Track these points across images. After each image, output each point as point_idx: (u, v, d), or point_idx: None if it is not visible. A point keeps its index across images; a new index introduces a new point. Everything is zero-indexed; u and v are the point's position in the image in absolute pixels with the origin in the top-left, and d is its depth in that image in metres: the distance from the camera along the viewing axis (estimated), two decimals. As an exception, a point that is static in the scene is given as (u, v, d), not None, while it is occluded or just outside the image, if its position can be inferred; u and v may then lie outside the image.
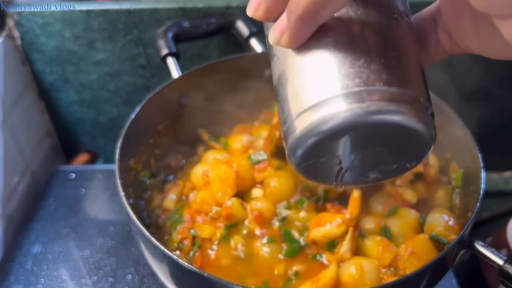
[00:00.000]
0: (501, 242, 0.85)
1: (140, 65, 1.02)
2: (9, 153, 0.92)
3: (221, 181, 0.67)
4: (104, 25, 0.95)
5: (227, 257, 0.64)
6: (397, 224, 0.66)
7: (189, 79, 0.81)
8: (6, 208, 0.91)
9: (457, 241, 0.56)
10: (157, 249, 0.56)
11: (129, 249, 0.86)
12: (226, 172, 0.68)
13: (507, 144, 1.16)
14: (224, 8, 0.94)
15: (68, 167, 1.05)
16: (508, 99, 1.08)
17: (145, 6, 0.93)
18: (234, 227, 0.66)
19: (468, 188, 0.67)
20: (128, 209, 0.59)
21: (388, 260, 0.62)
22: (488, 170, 0.63)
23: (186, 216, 0.68)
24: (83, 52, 0.99)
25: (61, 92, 1.06)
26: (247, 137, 0.80)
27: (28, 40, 0.97)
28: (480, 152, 0.65)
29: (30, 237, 0.88)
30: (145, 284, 0.80)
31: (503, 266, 0.54)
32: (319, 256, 0.63)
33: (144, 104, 0.74)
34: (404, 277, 0.54)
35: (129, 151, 0.71)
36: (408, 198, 0.68)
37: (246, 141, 0.79)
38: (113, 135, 1.14)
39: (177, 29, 0.87)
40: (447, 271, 0.62)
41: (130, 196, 0.66)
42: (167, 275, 0.59)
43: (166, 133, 0.81)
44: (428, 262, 0.54)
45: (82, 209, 0.94)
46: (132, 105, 1.08)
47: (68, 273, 0.82)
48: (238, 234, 0.66)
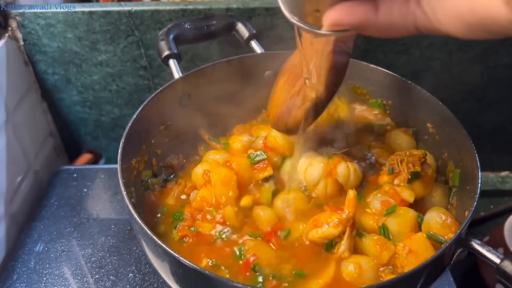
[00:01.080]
0: (498, 241, 0.86)
1: (142, 66, 1.02)
2: (12, 153, 0.93)
3: (223, 185, 0.68)
4: (105, 27, 0.96)
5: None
6: (395, 223, 0.66)
7: (190, 80, 0.81)
8: (9, 207, 0.92)
9: (455, 240, 0.57)
10: (158, 248, 0.56)
11: (130, 247, 0.87)
12: (227, 176, 0.69)
13: (503, 144, 1.16)
14: (225, 10, 0.95)
15: (71, 167, 1.05)
16: (505, 99, 1.08)
17: (147, 8, 0.94)
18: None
19: (465, 188, 0.67)
20: (130, 208, 0.60)
21: (386, 258, 0.63)
22: (485, 169, 0.64)
23: (186, 214, 0.69)
24: (85, 53, 1.00)
25: (63, 92, 1.07)
26: (247, 137, 0.81)
27: (30, 41, 0.98)
28: (477, 152, 0.66)
29: (32, 236, 0.89)
30: (146, 282, 0.81)
31: (500, 264, 0.55)
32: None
33: (145, 104, 0.74)
34: (402, 276, 0.55)
35: (131, 151, 0.71)
36: (406, 197, 0.69)
37: (246, 141, 0.79)
38: (115, 135, 1.15)
39: (178, 31, 0.88)
40: (445, 269, 0.63)
41: (132, 195, 0.67)
42: (168, 273, 0.60)
43: (167, 133, 0.82)
44: (426, 260, 0.55)
45: (84, 208, 0.95)
46: (134, 105, 1.09)
47: (70, 271, 0.83)
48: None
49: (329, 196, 0.71)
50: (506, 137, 1.15)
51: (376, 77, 0.84)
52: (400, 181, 0.70)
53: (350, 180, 0.72)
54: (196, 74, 0.82)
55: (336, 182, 0.71)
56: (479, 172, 0.64)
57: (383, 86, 0.84)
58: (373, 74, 0.84)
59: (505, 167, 1.17)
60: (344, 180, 0.71)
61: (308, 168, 0.72)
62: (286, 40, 0.99)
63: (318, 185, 0.71)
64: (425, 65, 1.03)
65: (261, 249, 0.63)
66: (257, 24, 0.96)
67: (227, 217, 0.67)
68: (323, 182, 0.70)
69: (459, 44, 0.99)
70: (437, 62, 1.03)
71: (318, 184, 0.71)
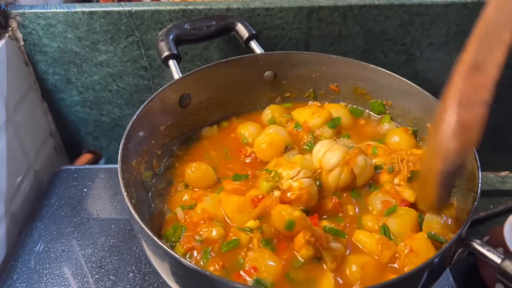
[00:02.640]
0: (498, 240, 0.86)
1: (142, 66, 1.03)
2: (12, 153, 0.93)
3: (238, 211, 0.67)
4: (106, 27, 0.96)
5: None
6: (396, 223, 0.67)
7: (190, 81, 0.82)
8: (9, 207, 0.92)
9: (455, 239, 0.57)
10: (158, 248, 0.56)
11: (131, 247, 0.87)
12: (241, 203, 0.68)
13: (503, 144, 1.16)
14: (225, 10, 0.95)
15: (71, 167, 1.05)
16: (505, 100, 1.08)
17: (147, 8, 0.94)
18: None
19: (465, 188, 0.68)
20: (130, 208, 0.60)
21: (388, 257, 0.63)
22: (485, 169, 0.64)
23: (189, 224, 0.68)
24: (86, 53, 1.00)
25: (64, 93, 1.07)
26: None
27: (31, 41, 0.98)
28: (477, 152, 0.66)
29: (33, 236, 0.89)
30: (146, 283, 0.81)
31: (501, 264, 0.55)
32: (317, 261, 0.64)
33: (145, 105, 0.74)
34: (403, 275, 0.55)
35: (131, 152, 0.71)
36: (406, 197, 0.69)
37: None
38: (115, 135, 1.15)
39: (178, 31, 0.88)
40: (445, 269, 0.63)
41: (132, 195, 0.67)
42: (168, 274, 0.60)
43: (168, 133, 0.82)
44: (426, 260, 0.55)
45: (84, 208, 0.95)
46: (134, 105, 1.10)
47: (70, 271, 0.83)
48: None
49: (341, 185, 0.71)
50: (506, 137, 1.15)
51: (376, 77, 0.84)
52: (400, 179, 0.70)
53: (365, 173, 0.72)
54: (196, 75, 0.82)
55: (351, 172, 0.70)
56: (479, 172, 0.64)
57: (383, 86, 0.84)
58: (373, 74, 0.84)
59: (505, 167, 1.17)
60: (360, 172, 0.71)
61: (327, 153, 0.71)
62: (286, 40, 0.99)
63: (333, 171, 0.70)
64: (425, 65, 1.03)
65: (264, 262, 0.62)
66: (257, 24, 0.96)
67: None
68: (339, 169, 0.70)
69: (459, 44, 0.99)
70: (437, 62, 1.03)
71: (333, 170, 0.70)
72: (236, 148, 0.82)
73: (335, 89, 0.90)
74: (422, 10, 0.95)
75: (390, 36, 0.99)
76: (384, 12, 0.95)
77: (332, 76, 0.88)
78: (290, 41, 1.00)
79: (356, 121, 0.88)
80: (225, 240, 0.65)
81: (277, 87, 0.91)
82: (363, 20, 0.96)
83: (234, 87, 0.88)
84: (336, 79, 0.89)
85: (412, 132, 0.81)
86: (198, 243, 0.64)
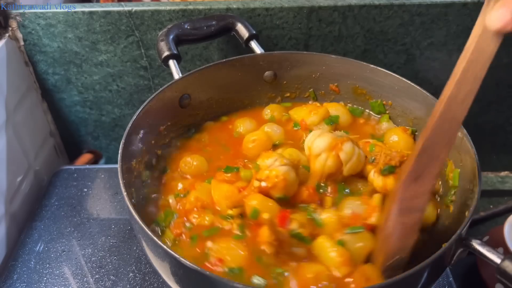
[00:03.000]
0: (497, 240, 0.86)
1: (142, 66, 1.03)
2: (12, 153, 0.93)
3: (225, 198, 0.69)
4: (106, 27, 0.96)
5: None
6: (352, 243, 0.64)
7: (190, 81, 0.82)
8: (9, 207, 0.92)
9: (455, 239, 0.57)
10: (158, 248, 0.57)
11: (131, 247, 0.87)
12: (230, 190, 0.70)
13: (503, 144, 1.16)
14: (225, 10, 0.95)
15: (71, 167, 1.06)
16: (504, 100, 1.09)
17: (147, 8, 0.94)
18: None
19: (465, 187, 0.68)
20: (130, 208, 0.60)
21: (344, 274, 0.61)
22: (485, 169, 0.64)
23: (180, 210, 0.70)
24: (86, 53, 1.00)
25: (64, 92, 1.07)
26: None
27: (31, 41, 0.98)
28: (477, 152, 0.66)
29: (33, 236, 0.89)
30: (146, 282, 0.81)
31: (501, 264, 0.55)
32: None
33: (145, 105, 0.75)
34: (402, 275, 0.55)
35: (131, 152, 0.72)
36: (372, 221, 0.66)
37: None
38: (115, 135, 1.15)
39: (178, 31, 0.88)
40: (445, 269, 0.63)
41: (132, 195, 0.67)
42: (168, 274, 0.60)
43: (168, 133, 0.82)
44: (426, 260, 0.55)
45: (84, 208, 0.95)
46: (134, 105, 1.10)
47: (70, 271, 0.83)
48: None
49: (327, 170, 0.70)
50: (506, 137, 1.15)
51: (376, 77, 0.84)
52: (375, 171, 0.70)
53: (352, 161, 0.70)
54: (196, 75, 0.82)
55: (337, 158, 0.69)
56: (479, 172, 0.64)
57: (383, 86, 0.84)
58: (373, 74, 0.84)
59: (505, 167, 1.17)
60: (346, 158, 0.69)
61: (316, 139, 0.71)
62: (286, 40, 0.99)
63: (319, 156, 0.70)
64: (425, 65, 1.03)
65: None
66: (257, 24, 0.96)
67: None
68: (325, 154, 0.70)
69: (459, 44, 0.99)
70: (437, 62, 1.03)
71: (320, 156, 0.70)
72: (232, 141, 0.83)
73: (335, 89, 0.90)
74: (422, 10, 0.95)
75: (390, 36, 0.99)
76: (384, 12, 0.95)
77: (332, 76, 0.88)
78: (290, 41, 1.00)
79: (355, 120, 0.88)
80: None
81: (277, 87, 0.91)
82: (363, 20, 0.97)
83: (234, 87, 0.88)
84: (336, 79, 0.89)
85: (411, 132, 0.81)
86: (187, 230, 0.67)
